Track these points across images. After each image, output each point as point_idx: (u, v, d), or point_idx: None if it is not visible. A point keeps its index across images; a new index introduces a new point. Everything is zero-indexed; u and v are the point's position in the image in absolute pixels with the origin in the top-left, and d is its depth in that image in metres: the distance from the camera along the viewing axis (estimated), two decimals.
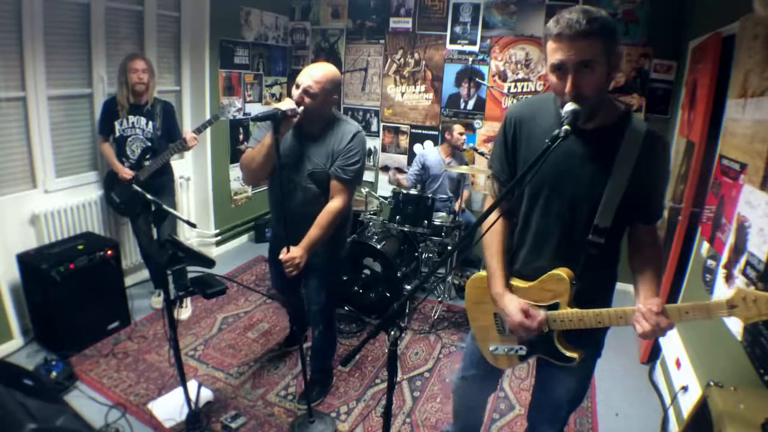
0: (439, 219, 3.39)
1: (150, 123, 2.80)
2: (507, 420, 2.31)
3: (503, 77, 3.98)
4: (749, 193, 1.73)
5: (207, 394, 2.30)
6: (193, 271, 1.87)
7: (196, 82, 3.69)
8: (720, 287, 1.88)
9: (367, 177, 4.62)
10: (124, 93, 2.73)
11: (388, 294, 3.11)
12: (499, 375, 1.70)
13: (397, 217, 3.22)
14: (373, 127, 4.52)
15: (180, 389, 2.00)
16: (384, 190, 4.48)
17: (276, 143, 1.74)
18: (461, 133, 3.68)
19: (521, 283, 1.37)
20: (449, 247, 3.45)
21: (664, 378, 2.50)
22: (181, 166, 3.65)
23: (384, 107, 4.46)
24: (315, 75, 1.82)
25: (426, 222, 3.21)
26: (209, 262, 1.86)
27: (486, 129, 4.11)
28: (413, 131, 4.41)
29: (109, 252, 2.70)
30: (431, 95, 4.26)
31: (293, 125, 1.83)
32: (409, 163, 4.35)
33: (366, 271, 3.14)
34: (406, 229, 3.21)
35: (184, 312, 3.03)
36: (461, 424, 1.86)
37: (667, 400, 2.33)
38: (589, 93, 1.11)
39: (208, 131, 3.10)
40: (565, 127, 1.06)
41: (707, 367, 1.95)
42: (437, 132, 4.28)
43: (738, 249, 1.75)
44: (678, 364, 2.24)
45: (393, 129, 4.48)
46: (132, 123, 2.77)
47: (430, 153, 3.78)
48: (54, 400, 1.86)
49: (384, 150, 4.55)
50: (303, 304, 2.48)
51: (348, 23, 4.41)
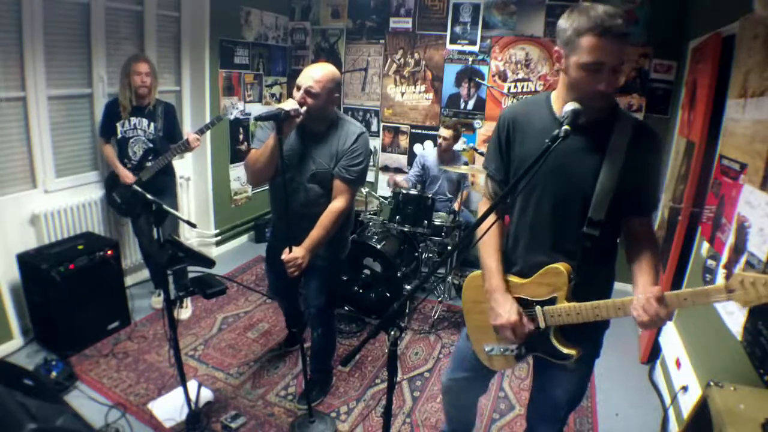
0: (439, 219, 3.39)
1: (152, 124, 2.80)
2: (507, 420, 2.30)
3: (503, 77, 3.98)
4: (749, 193, 1.73)
5: (207, 394, 2.30)
6: (193, 271, 1.87)
7: (196, 82, 3.69)
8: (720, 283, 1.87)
9: (367, 177, 4.61)
10: (126, 95, 2.73)
11: (388, 294, 3.11)
12: (490, 377, 1.67)
13: (397, 217, 3.22)
14: (373, 127, 4.52)
15: (180, 389, 2.00)
16: (384, 190, 4.48)
17: (279, 144, 1.74)
18: (444, 138, 3.52)
19: (517, 280, 1.38)
20: (449, 247, 3.46)
21: (664, 378, 2.50)
22: (181, 166, 3.65)
23: (384, 107, 4.46)
24: (315, 75, 1.81)
25: (426, 222, 3.21)
26: (209, 262, 1.86)
27: (486, 129, 4.11)
28: (413, 131, 4.41)
29: (109, 252, 2.70)
30: (431, 95, 4.26)
31: (296, 126, 1.83)
32: (409, 163, 4.35)
33: (366, 271, 3.14)
34: (406, 229, 3.21)
35: (184, 312, 3.03)
36: (453, 425, 1.86)
37: (667, 400, 2.33)
38: (613, 93, 1.15)
39: (208, 131, 3.09)
40: (565, 127, 1.07)
41: (707, 367, 1.95)
42: (437, 132, 4.28)
43: (738, 249, 1.75)
44: (678, 364, 2.24)
45: (393, 129, 4.48)
46: (134, 124, 2.77)
47: (429, 153, 3.78)
48: (54, 400, 1.86)
49: (384, 150, 4.56)
50: (299, 306, 2.47)
51: (348, 23, 4.41)
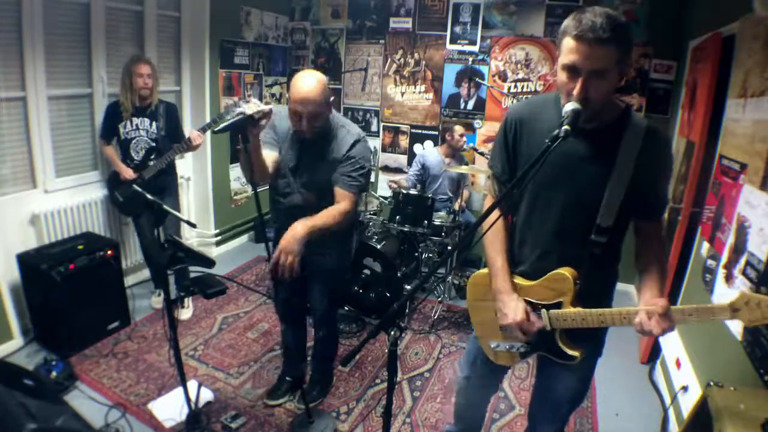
0: (439, 219, 3.38)
1: (154, 124, 2.80)
2: (507, 420, 2.30)
3: (503, 77, 3.98)
4: (749, 193, 1.73)
5: (207, 394, 2.30)
6: (193, 271, 1.87)
7: (196, 82, 3.69)
8: (720, 287, 1.88)
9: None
10: (128, 97, 2.72)
11: (388, 294, 3.11)
12: (501, 374, 1.71)
13: (397, 217, 3.22)
14: (373, 127, 4.52)
15: (180, 389, 2.00)
16: (384, 190, 4.48)
17: (246, 153, 1.62)
18: (462, 135, 3.67)
19: (524, 281, 1.38)
20: (449, 247, 3.45)
21: (664, 378, 2.50)
22: (182, 166, 3.65)
23: (384, 107, 4.46)
24: (310, 95, 1.70)
25: (426, 222, 3.20)
26: (209, 262, 1.86)
27: (486, 129, 4.11)
28: (413, 131, 4.41)
29: (109, 252, 2.70)
30: (431, 95, 4.26)
31: (263, 128, 1.72)
32: (409, 163, 4.35)
33: (366, 271, 3.14)
34: (406, 229, 3.21)
35: (185, 312, 3.03)
36: (463, 423, 1.86)
37: (667, 400, 2.33)
38: (597, 99, 1.11)
39: (203, 138, 3.07)
40: (565, 127, 1.06)
41: (707, 367, 1.95)
42: (437, 132, 4.28)
43: (738, 249, 1.75)
44: (678, 364, 2.24)
45: (393, 129, 4.48)
46: (136, 125, 2.77)
47: (430, 153, 3.78)
48: (54, 400, 1.85)
49: (384, 150, 4.55)
50: (305, 338, 2.37)
51: (348, 23, 4.41)
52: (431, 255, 3.49)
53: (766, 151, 1.64)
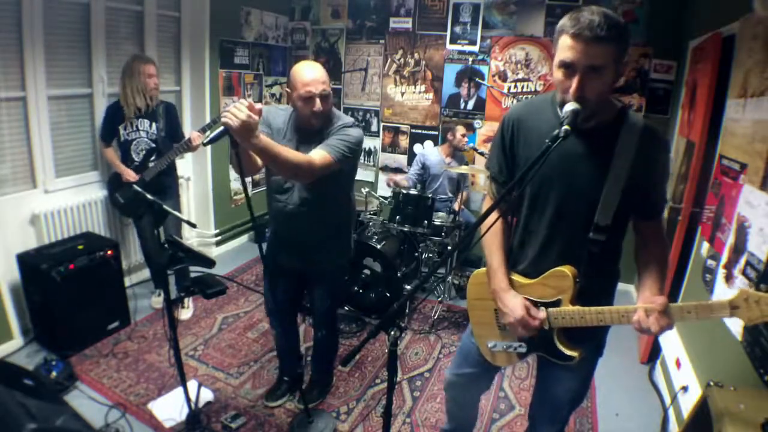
0: (439, 219, 3.39)
1: (154, 124, 2.79)
2: (507, 420, 2.30)
3: (503, 77, 3.98)
4: (749, 193, 1.73)
5: (207, 394, 2.30)
6: (193, 271, 1.87)
7: (196, 82, 3.69)
8: (720, 287, 1.88)
9: (367, 177, 4.62)
10: (137, 98, 2.69)
11: (388, 294, 3.11)
12: (494, 374, 1.68)
13: (397, 217, 3.22)
14: (373, 127, 4.52)
15: (180, 389, 2.00)
16: (384, 190, 4.47)
17: (238, 158, 1.54)
18: (464, 135, 3.69)
19: (523, 280, 1.38)
20: (449, 247, 3.46)
21: (664, 378, 2.50)
22: (181, 166, 3.65)
23: (384, 107, 4.46)
24: (321, 77, 1.74)
25: (426, 222, 3.20)
26: (209, 262, 1.86)
27: (486, 129, 4.11)
28: (413, 131, 4.41)
29: (109, 252, 2.70)
30: (431, 95, 4.26)
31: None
32: (409, 163, 4.35)
33: (366, 271, 3.14)
34: (406, 229, 3.21)
35: (185, 312, 3.03)
36: (455, 422, 1.86)
37: (667, 400, 2.33)
38: (593, 97, 1.11)
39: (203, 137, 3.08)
40: (565, 127, 1.06)
41: (707, 367, 1.95)
42: (437, 132, 4.28)
43: (738, 249, 1.75)
44: (678, 364, 2.24)
45: (393, 129, 4.48)
46: (136, 126, 2.77)
47: (430, 153, 3.78)
48: (54, 400, 1.86)
49: (384, 150, 4.55)
50: (297, 337, 2.33)
51: (348, 23, 4.41)
52: (431, 255, 3.49)
53: (766, 151, 1.64)
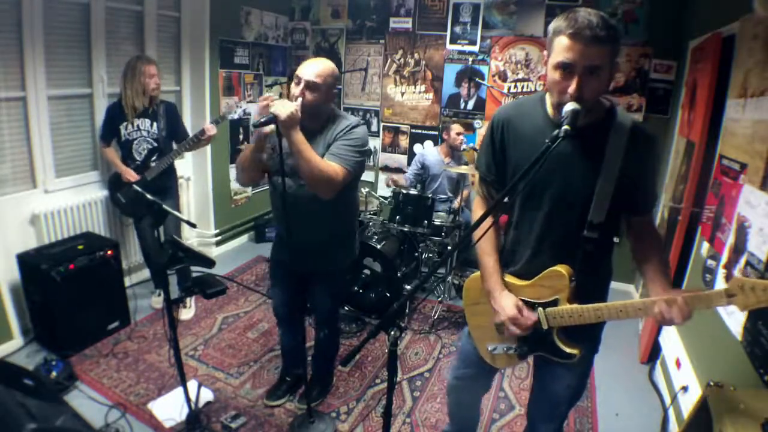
0: (439, 219, 3.39)
1: (154, 124, 2.79)
2: (507, 420, 2.31)
3: (503, 77, 3.98)
4: (749, 193, 1.73)
5: (207, 394, 2.30)
6: (194, 271, 1.87)
7: (196, 82, 3.69)
8: (720, 287, 1.87)
9: (367, 177, 4.62)
10: (138, 98, 2.70)
11: (388, 294, 3.11)
12: (493, 375, 1.69)
13: (397, 217, 3.22)
14: (373, 127, 4.52)
15: (180, 389, 2.00)
16: (384, 190, 4.48)
17: (280, 144, 1.67)
18: (459, 133, 3.66)
19: (518, 281, 1.38)
20: (449, 247, 3.45)
21: (664, 378, 2.50)
22: (182, 166, 3.65)
23: (384, 107, 4.46)
24: (317, 69, 1.76)
25: (426, 222, 3.20)
26: (209, 262, 1.86)
27: (486, 129, 4.11)
28: (413, 131, 4.41)
29: (109, 252, 2.70)
30: (431, 95, 4.26)
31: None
32: (410, 163, 4.35)
33: (366, 271, 3.14)
34: (406, 229, 3.21)
35: (186, 312, 3.03)
36: (457, 424, 1.86)
37: (667, 400, 2.33)
38: (590, 97, 1.13)
39: (216, 130, 3.07)
40: (565, 127, 1.07)
41: (707, 367, 1.95)
42: (437, 132, 4.28)
43: (738, 249, 1.75)
44: (678, 364, 2.24)
45: (393, 129, 4.48)
46: (137, 126, 2.77)
47: (429, 153, 3.78)
48: (54, 400, 1.86)
49: (384, 150, 4.55)
50: (303, 336, 2.26)
51: (348, 23, 4.41)
52: (431, 255, 3.49)
53: (766, 151, 1.64)
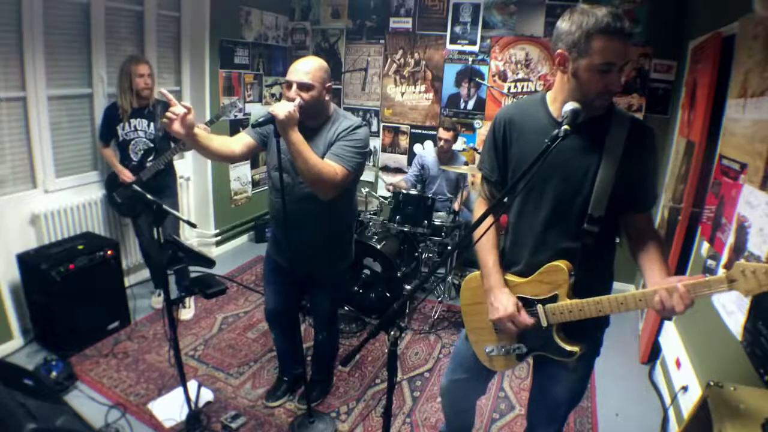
0: (439, 219, 3.39)
1: (151, 124, 2.80)
2: (507, 420, 2.30)
3: (503, 77, 3.98)
4: (749, 193, 1.73)
5: (207, 394, 2.30)
6: (193, 271, 1.87)
7: (196, 82, 3.69)
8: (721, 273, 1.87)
9: (367, 177, 4.62)
10: (128, 98, 2.71)
11: (388, 294, 3.11)
12: (489, 379, 1.67)
13: (397, 217, 3.22)
14: (373, 127, 4.52)
15: (180, 389, 2.00)
16: (384, 190, 4.47)
17: (278, 144, 1.68)
18: (444, 139, 3.48)
19: (518, 279, 1.38)
20: (449, 247, 3.45)
21: (664, 378, 2.50)
22: (182, 166, 3.65)
23: (384, 107, 4.46)
24: (304, 68, 1.74)
25: (426, 222, 3.20)
26: (209, 262, 1.86)
27: (486, 129, 4.11)
28: (413, 131, 4.41)
29: (109, 252, 2.70)
30: (431, 95, 4.26)
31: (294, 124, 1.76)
32: (410, 163, 4.36)
33: (366, 271, 3.14)
34: (406, 229, 3.21)
35: (186, 312, 3.03)
36: (452, 424, 1.86)
37: (667, 400, 2.33)
38: (620, 90, 1.20)
39: (209, 131, 3.08)
40: (565, 127, 1.07)
41: (707, 367, 1.95)
42: (437, 132, 4.28)
43: (738, 249, 1.75)
44: (678, 364, 2.24)
45: (393, 129, 4.48)
46: (134, 126, 2.77)
47: (428, 153, 3.77)
48: (54, 400, 1.86)
49: (384, 150, 4.55)
50: (299, 340, 2.24)
51: (348, 23, 4.41)
52: (431, 255, 3.49)
53: (766, 151, 1.64)
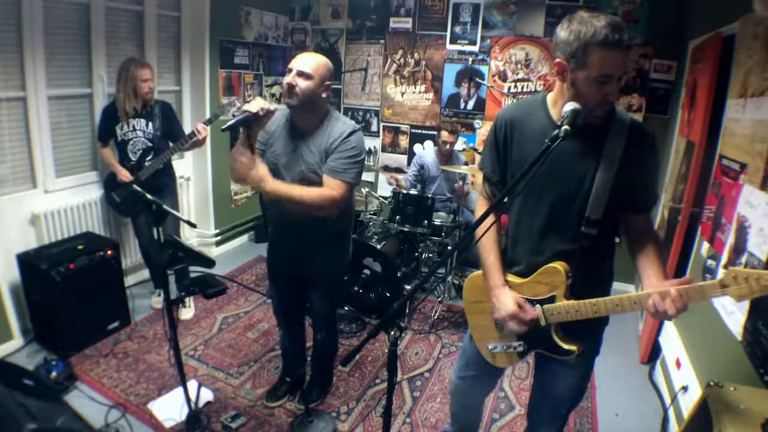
0: (439, 219, 3.38)
1: (150, 124, 2.80)
2: (507, 420, 2.31)
3: (503, 77, 3.98)
4: (749, 193, 1.73)
5: (207, 394, 2.30)
6: (193, 271, 1.87)
7: (196, 82, 3.69)
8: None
9: (367, 177, 4.62)
10: (131, 102, 2.70)
11: (388, 294, 3.11)
12: (498, 376, 1.70)
13: (397, 217, 3.22)
14: (373, 127, 4.52)
15: (180, 389, 2.00)
16: (384, 190, 4.48)
17: (251, 147, 1.66)
18: (445, 141, 3.49)
19: (517, 279, 1.39)
20: (449, 247, 3.45)
21: (664, 378, 2.50)
22: (181, 166, 3.65)
23: (384, 107, 4.46)
24: (309, 60, 1.75)
25: (426, 222, 3.20)
26: (209, 262, 1.86)
27: (486, 129, 4.11)
28: (413, 131, 4.41)
29: (109, 252, 2.70)
30: (431, 95, 4.26)
31: (264, 125, 1.75)
32: (410, 163, 4.35)
33: (366, 271, 3.14)
34: (406, 229, 3.21)
35: (186, 312, 3.03)
36: (459, 425, 1.86)
37: (667, 400, 2.33)
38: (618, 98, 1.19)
39: (209, 130, 3.08)
40: (565, 127, 1.08)
41: (707, 367, 1.95)
42: (437, 132, 4.28)
43: (738, 249, 1.75)
44: (678, 364, 2.24)
45: (393, 129, 4.48)
46: (133, 126, 2.77)
47: (428, 154, 3.77)
48: (54, 400, 1.86)
49: (384, 150, 4.55)
50: (303, 339, 2.34)
51: (348, 23, 4.41)
52: (431, 255, 3.49)
53: (766, 151, 1.64)
